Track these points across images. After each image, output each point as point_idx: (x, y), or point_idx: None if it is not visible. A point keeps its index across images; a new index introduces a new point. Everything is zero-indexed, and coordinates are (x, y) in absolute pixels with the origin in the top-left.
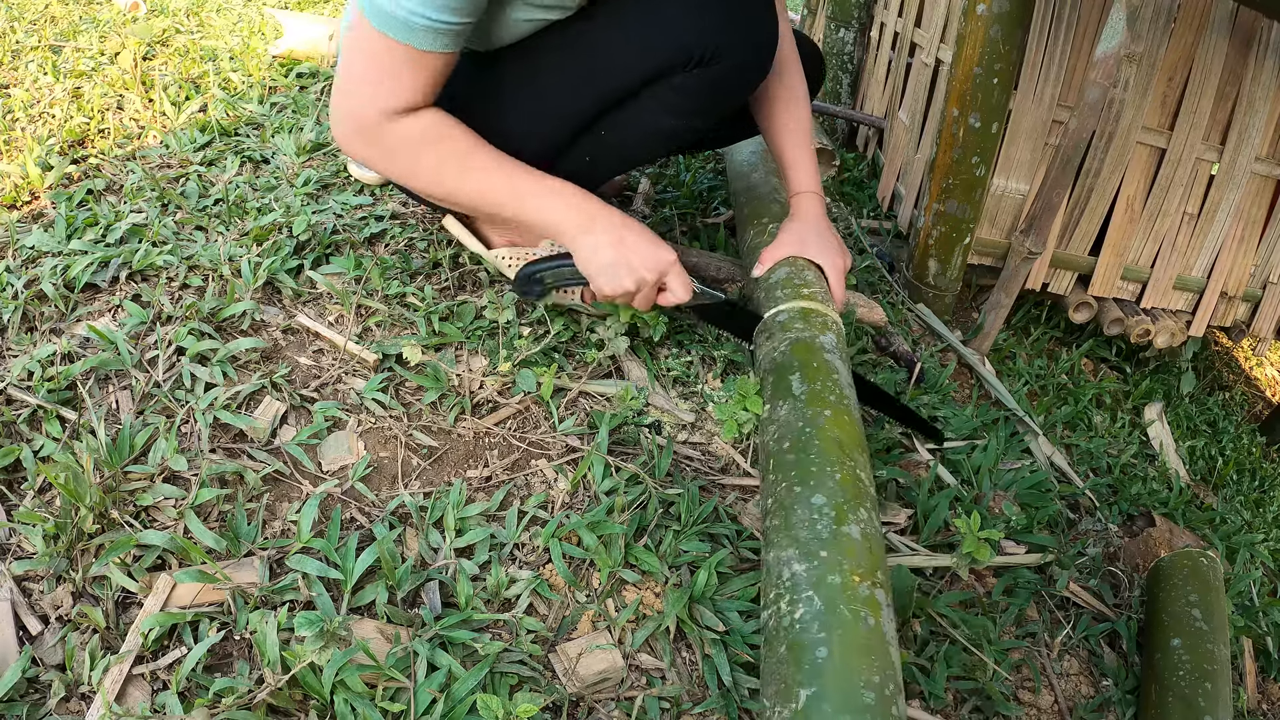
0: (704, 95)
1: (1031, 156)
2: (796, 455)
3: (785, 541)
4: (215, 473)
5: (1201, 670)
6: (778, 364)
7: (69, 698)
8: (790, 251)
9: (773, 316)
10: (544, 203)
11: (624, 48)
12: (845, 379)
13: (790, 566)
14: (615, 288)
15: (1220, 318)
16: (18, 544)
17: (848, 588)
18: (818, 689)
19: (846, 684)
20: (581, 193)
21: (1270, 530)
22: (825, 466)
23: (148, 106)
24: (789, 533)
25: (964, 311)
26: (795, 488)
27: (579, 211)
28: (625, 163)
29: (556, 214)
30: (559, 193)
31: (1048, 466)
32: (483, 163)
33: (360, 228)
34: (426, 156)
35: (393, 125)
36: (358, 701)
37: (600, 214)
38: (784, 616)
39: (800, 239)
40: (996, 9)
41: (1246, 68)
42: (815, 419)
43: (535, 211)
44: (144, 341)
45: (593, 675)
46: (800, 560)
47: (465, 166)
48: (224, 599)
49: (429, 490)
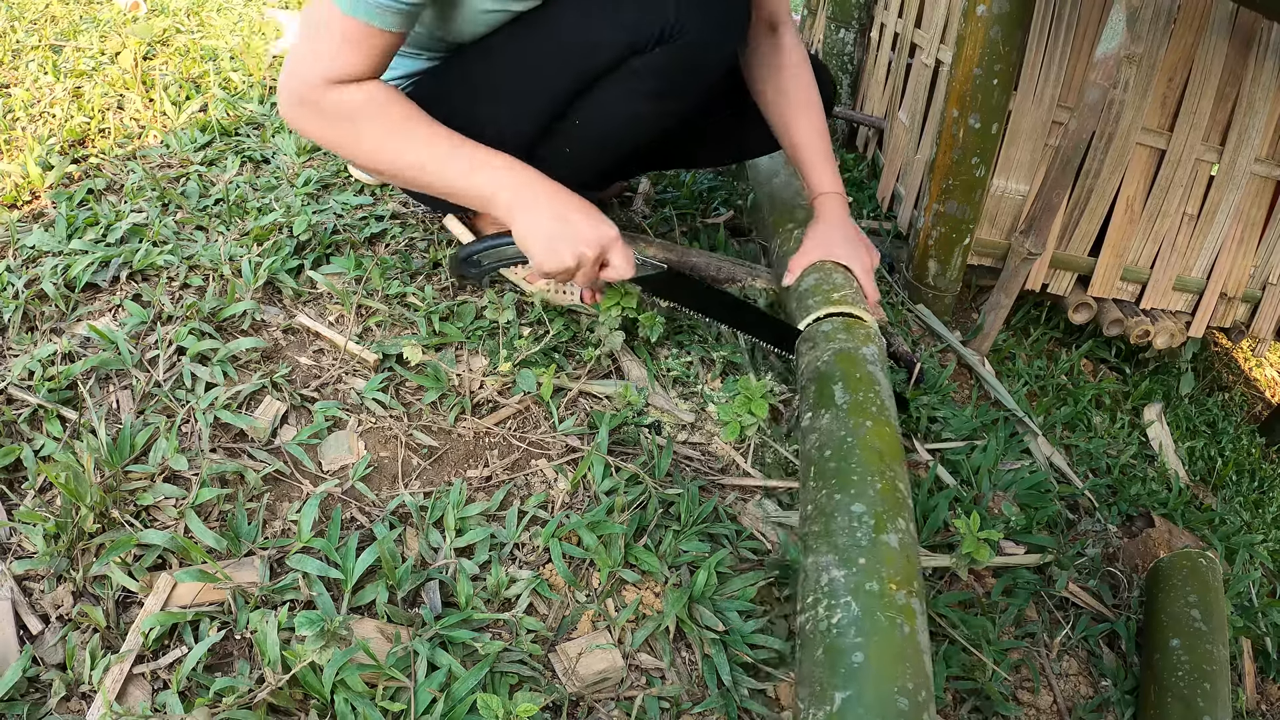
0: (672, 73)
1: (1031, 157)
2: (838, 464)
3: (824, 547)
4: (216, 472)
5: (1200, 671)
6: (820, 373)
7: (69, 697)
8: (818, 256)
9: (816, 326)
10: (483, 175)
11: (586, 29)
12: (886, 391)
13: (829, 572)
14: (555, 263)
15: (1220, 318)
16: (18, 543)
17: (885, 595)
18: (853, 693)
19: (881, 689)
20: (523, 166)
21: (1269, 531)
22: (866, 476)
23: (148, 106)
24: (829, 539)
25: (963, 312)
26: (836, 495)
27: (519, 185)
28: (607, 154)
29: (496, 186)
30: (500, 166)
31: (1047, 467)
32: (425, 134)
33: (361, 228)
34: (368, 126)
35: (333, 93)
36: (358, 701)
37: (541, 188)
38: (821, 621)
39: (826, 242)
40: (996, 10)
41: (1246, 69)
42: (857, 429)
43: (474, 184)
44: (144, 341)
45: (592, 675)
46: (839, 566)
47: (407, 137)
48: (224, 598)
49: (429, 490)
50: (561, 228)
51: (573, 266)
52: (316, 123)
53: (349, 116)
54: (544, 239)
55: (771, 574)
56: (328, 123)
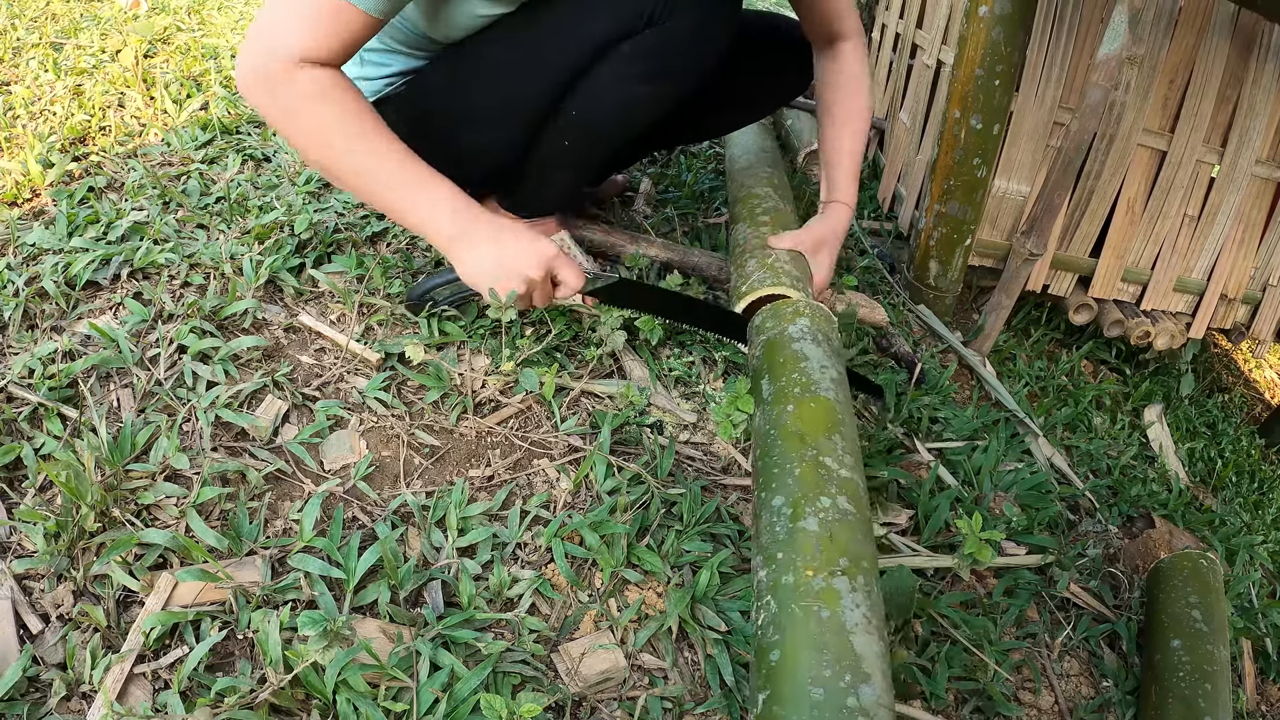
0: (662, 55)
1: (1033, 158)
2: (763, 461)
3: (756, 550)
4: (217, 471)
5: (1201, 671)
6: (755, 371)
7: (70, 697)
8: (800, 247)
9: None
10: (422, 202)
11: (575, 18)
12: (816, 363)
13: (758, 574)
14: (503, 290)
15: (1220, 320)
16: (18, 542)
17: (800, 585)
18: (771, 691)
19: (795, 683)
20: (462, 198)
21: (1269, 532)
22: (785, 464)
23: (149, 104)
24: (758, 540)
25: (964, 313)
26: (762, 494)
27: (455, 216)
28: (604, 144)
29: (432, 216)
30: (441, 196)
31: (1048, 468)
32: (373, 143)
33: (362, 226)
34: (320, 117)
35: (295, 73)
36: (360, 701)
37: (479, 224)
38: (758, 627)
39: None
40: (998, 11)
41: (1247, 70)
42: (779, 418)
43: (410, 209)
44: (145, 339)
45: (595, 675)
46: (764, 566)
47: (354, 139)
48: (226, 598)
49: (431, 489)
50: (501, 259)
51: (523, 291)
52: (268, 99)
53: (306, 101)
54: (487, 270)
55: None
56: (285, 104)
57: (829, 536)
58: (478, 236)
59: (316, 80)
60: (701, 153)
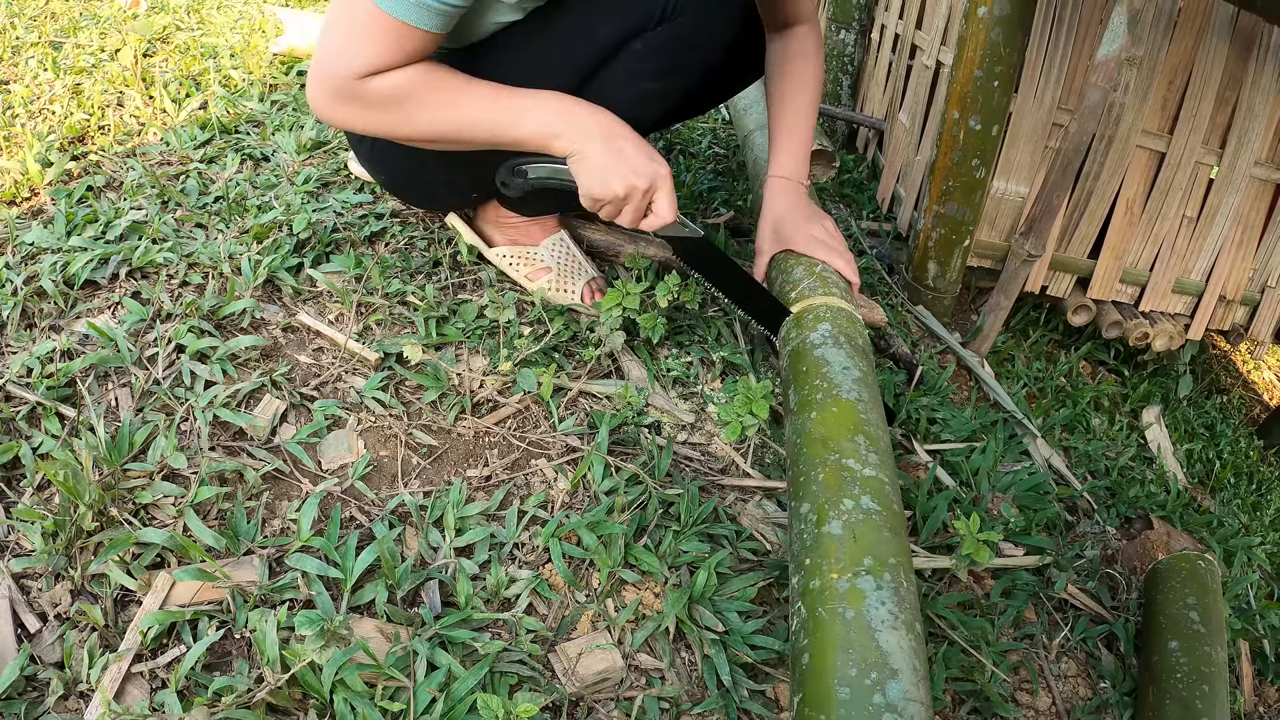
0: (674, 51)
1: (1031, 159)
2: (792, 471)
3: (789, 559)
4: (215, 471)
5: (1199, 673)
6: (784, 382)
7: (67, 696)
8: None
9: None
10: (539, 112)
11: (589, 17)
12: (839, 364)
13: (791, 583)
14: (605, 190)
15: (1218, 321)
16: (16, 541)
17: (825, 588)
18: (802, 695)
19: (823, 685)
20: (574, 100)
21: (1267, 533)
22: (810, 472)
23: (148, 103)
24: (790, 550)
25: (963, 313)
26: (792, 503)
27: (575, 116)
28: None
29: (552, 121)
30: (552, 102)
31: (1046, 469)
32: (472, 92)
33: (361, 226)
34: (416, 104)
35: (373, 82)
36: (357, 700)
37: (595, 118)
38: (791, 633)
39: (775, 236)
40: (997, 12)
41: (1246, 72)
42: (803, 426)
43: (532, 122)
44: (144, 339)
45: (592, 675)
46: (795, 574)
47: (456, 100)
48: (223, 597)
49: (429, 489)
50: (615, 158)
51: (621, 195)
52: (359, 112)
53: (395, 99)
54: (597, 167)
55: (771, 574)
56: (373, 110)
57: (852, 537)
58: (593, 131)
59: (395, 79)
60: (701, 153)
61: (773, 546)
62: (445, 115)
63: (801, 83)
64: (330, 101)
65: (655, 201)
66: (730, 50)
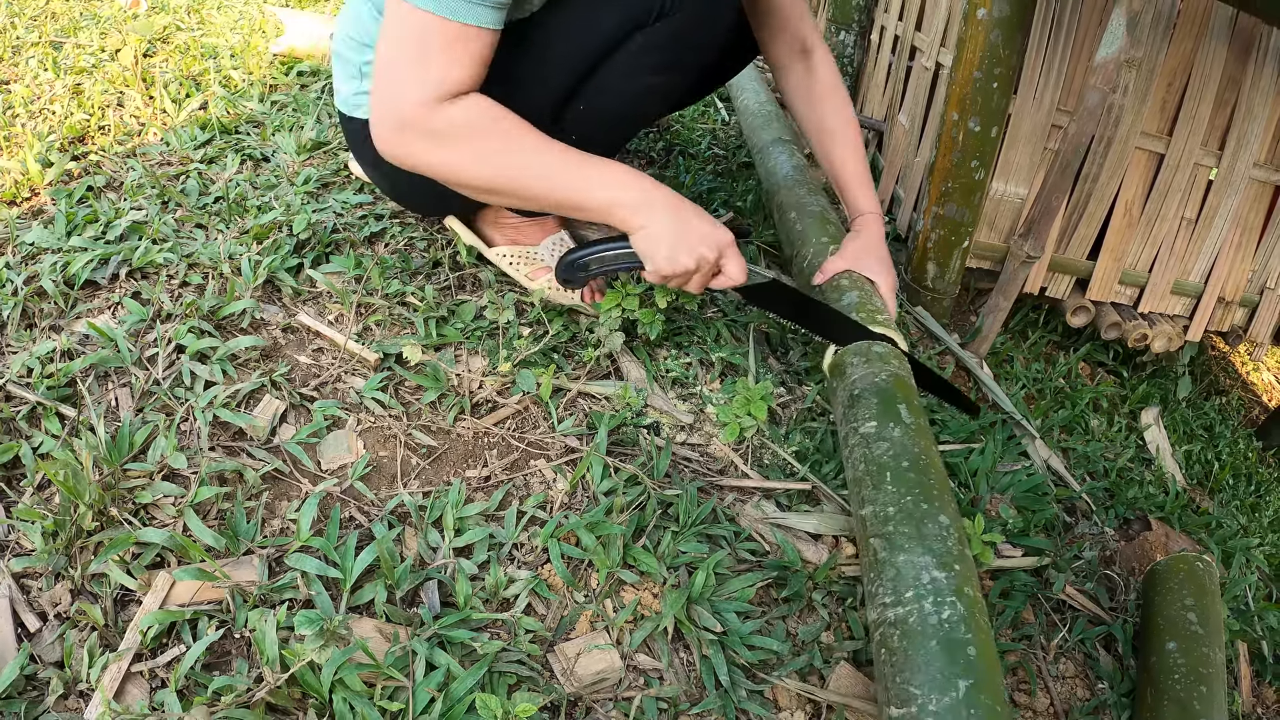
0: (674, 46)
1: (1030, 161)
2: (918, 476)
3: (919, 549)
4: (214, 471)
5: (1197, 674)
6: (881, 389)
7: (67, 695)
8: (849, 265)
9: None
10: (611, 181)
11: (586, 15)
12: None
13: (930, 572)
14: (675, 266)
15: (1217, 323)
16: (16, 541)
17: (976, 602)
18: (974, 681)
19: (993, 681)
20: (635, 171)
21: (1266, 535)
22: (943, 494)
23: (148, 103)
24: (922, 542)
25: (962, 314)
26: (923, 504)
27: (638, 190)
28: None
29: (617, 194)
30: (620, 174)
31: (1045, 470)
32: (544, 146)
33: (360, 226)
34: (486, 143)
35: (442, 112)
36: (356, 700)
37: (658, 192)
38: (929, 615)
39: (860, 254)
40: (997, 13)
41: (1245, 74)
42: (927, 450)
43: (602, 190)
44: (144, 339)
45: (591, 675)
46: (939, 569)
47: (526, 150)
48: (223, 597)
49: (428, 490)
50: (681, 232)
51: (692, 269)
52: (427, 148)
53: (464, 135)
54: (665, 244)
55: (769, 575)
56: (442, 146)
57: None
58: (658, 207)
59: (465, 112)
60: (700, 154)
61: (771, 547)
62: (519, 160)
63: (851, 120)
64: (396, 134)
65: (725, 266)
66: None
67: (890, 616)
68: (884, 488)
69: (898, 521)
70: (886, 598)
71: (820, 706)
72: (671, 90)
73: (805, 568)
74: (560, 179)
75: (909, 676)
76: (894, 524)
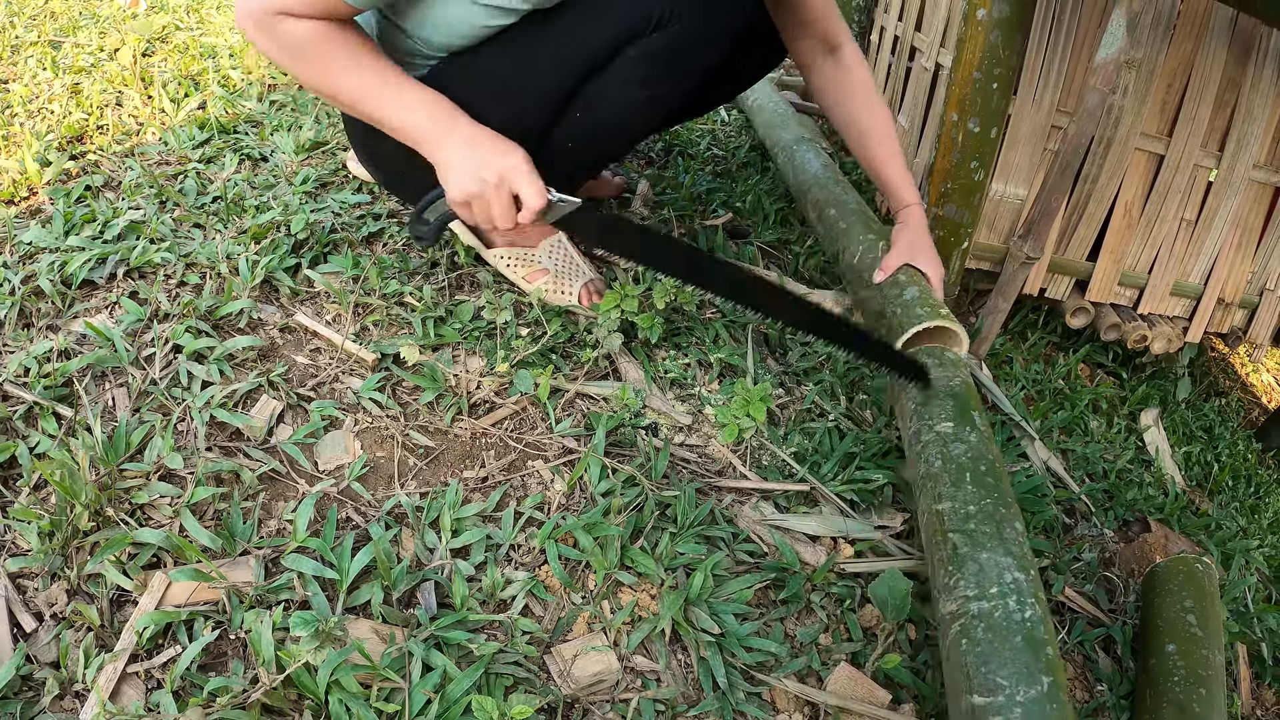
0: (670, 58)
1: (1030, 161)
2: (995, 481)
3: (1000, 550)
4: (211, 471)
5: (1196, 676)
6: (957, 394)
7: (63, 695)
8: (907, 259)
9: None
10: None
11: (582, 23)
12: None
13: (1011, 572)
14: (461, 191)
15: (1217, 324)
16: (12, 540)
17: (1046, 608)
18: (1053, 680)
19: (1062, 681)
20: (452, 106)
21: (1265, 536)
22: (1014, 503)
23: (146, 103)
24: (1003, 544)
25: (961, 315)
26: (1001, 509)
27: (441, 119)
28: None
29: (420, 118)
30: (429, 101)
31: (1044, 471)
32: (375, 63)
33: (358, 226)
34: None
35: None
36: (352, 701)
37: (462, 122)
38: (1013, 613)
39: (913, 247)
40: (996, 14)
41: (1245, 75)
42: (999, 460)
43: (401, 113)
44: (141, 339)
45: (588, 677)
46: (1018, 570)
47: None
48: (219, 598)
49: (425, 490)
50: (469, 155)
51: (476, 192)
52: (273, 50)
53: (299, 49)
54: (455, 171)
55: (768, 577)
56: (283, 52)
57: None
58: (456, 137)
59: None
60: (700, 154)
61: (769, 549)
62: (339, 81)
63: (887, 115)
64: (252, 28)
65: (520, 193)
66: (732, 54)
67: (974, 610)
68: (964, 487)
69: (979, 520)
70: (970, 590)
71: (818, 708)
72: (668, 99)
73: (804, 569)
74: (375, 101)
75: (995, 668)
76: (975, 522)
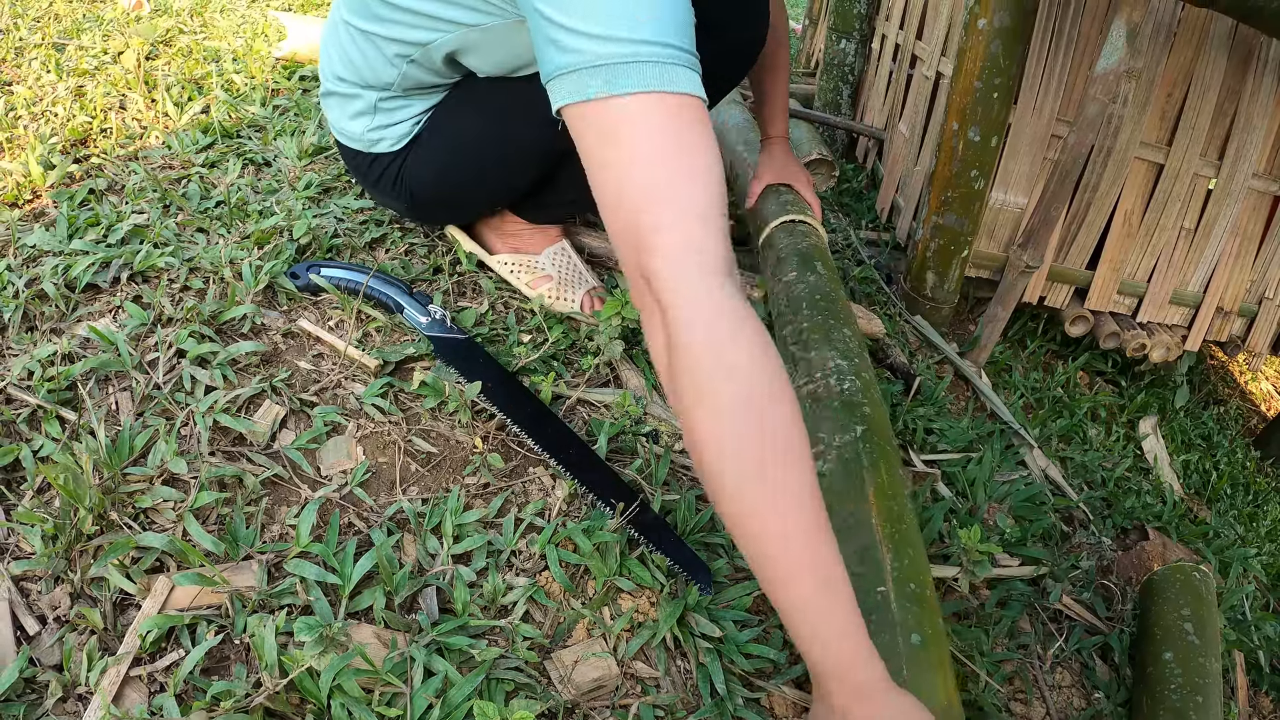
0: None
1: (1030, 170)
2: (829, 305)
3: (827, 348)
4: (214, 476)
5: (1193, 684)
6: (802, 253)
7: (66, 698)
8: (768, 180)
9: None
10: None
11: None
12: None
13: (835, 360)
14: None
15: (1216, 332)
16: (16, 544)
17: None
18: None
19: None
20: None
21: (1263, 544)
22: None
23: (150, 107)
24: (829, 344)
25: (961, 324)
26: (831, 321)
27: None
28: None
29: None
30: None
31: (1042, 479)
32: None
33: (361, 232)
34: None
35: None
36: (355, 706)
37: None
38: (834, 386)
39: (772, 169)
40: (997, 24)
41: (1244, 84)
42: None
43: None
44: (144, 343)
45: (588, 683)
46: (841, 359)
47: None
48: (222, 602)
49: (427, 496)
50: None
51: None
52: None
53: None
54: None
55: None
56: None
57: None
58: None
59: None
60: None
61: None
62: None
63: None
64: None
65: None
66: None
67: (804, 392)
68: (801, 312)
69: (809, 331)
70: (801, 380)
71: None
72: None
73: None
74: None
75: (817, 426)
76: (808, 334)
